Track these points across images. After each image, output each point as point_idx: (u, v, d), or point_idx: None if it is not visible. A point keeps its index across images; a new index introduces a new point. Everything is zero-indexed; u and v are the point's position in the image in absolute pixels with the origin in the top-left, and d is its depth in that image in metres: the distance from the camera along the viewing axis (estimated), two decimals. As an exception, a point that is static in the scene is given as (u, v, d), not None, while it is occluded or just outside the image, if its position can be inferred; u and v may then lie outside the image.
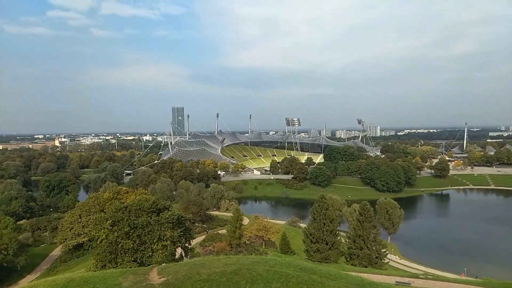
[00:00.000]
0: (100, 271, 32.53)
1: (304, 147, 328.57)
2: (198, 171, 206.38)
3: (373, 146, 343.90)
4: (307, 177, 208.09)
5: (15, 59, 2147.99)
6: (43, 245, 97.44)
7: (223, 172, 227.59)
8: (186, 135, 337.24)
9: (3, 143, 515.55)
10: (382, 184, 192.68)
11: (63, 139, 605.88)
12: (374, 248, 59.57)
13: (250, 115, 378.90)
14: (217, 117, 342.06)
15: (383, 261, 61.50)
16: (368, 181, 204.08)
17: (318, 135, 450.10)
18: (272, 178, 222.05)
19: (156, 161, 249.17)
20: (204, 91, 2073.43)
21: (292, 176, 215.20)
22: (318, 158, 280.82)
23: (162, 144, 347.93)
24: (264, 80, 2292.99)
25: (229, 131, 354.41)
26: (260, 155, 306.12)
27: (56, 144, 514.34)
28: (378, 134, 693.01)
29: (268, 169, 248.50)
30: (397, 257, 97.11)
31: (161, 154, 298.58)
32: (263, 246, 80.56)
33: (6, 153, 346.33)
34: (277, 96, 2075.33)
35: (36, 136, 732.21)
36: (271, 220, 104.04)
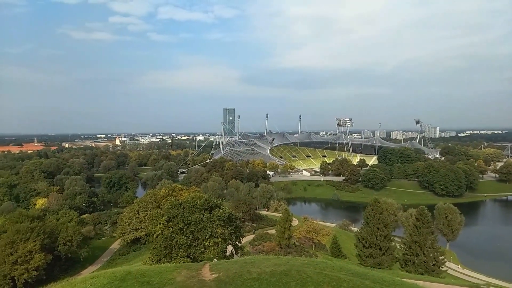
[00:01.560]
0: (156, 265, 34.05)
1: (356, 149, 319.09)
2: (247, 170, 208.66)
3: (431, 148, 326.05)
4: (360, 179, 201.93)
5: (80, 63, 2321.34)
6: (104, 238, 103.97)
7: (272, 172, 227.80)
8: (236, 135, 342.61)
9: (69, 142, 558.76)
10: (441, 188, 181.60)
11: (123, 139, 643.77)
12: (431, 255, 56.43)
13: (300, 115, 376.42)
14: (267, 117, 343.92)
15: (440, 268, 58.01)
16: (426, 184, 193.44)
17: (372, 136, 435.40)
18: (322, 179, 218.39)
19: (208, 160, 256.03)
20: (254, 92, 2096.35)
21: (344, 178, 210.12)
22: (372, 160, 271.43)
23: (214, 144, 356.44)
24: (315, 80, 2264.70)
25: (278, 131, 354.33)
26: (310, 156, 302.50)
27: (116, 143, 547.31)
28: (437, 135, 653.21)
29: (318, 170, 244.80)
30: (459, 266, 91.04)
31: (213, 153, 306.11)
32: (313, 249, 79.48)
33: (72, 151, 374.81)
34: (327, 96, 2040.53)
35: (98, 136, 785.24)
36: (321, 223, 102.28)
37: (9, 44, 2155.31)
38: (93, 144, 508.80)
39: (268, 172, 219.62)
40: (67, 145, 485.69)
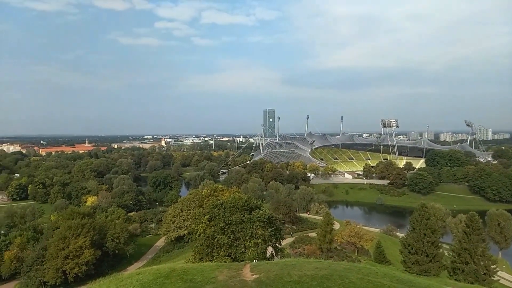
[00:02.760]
0: (198, 263, 34.80)
1: (402, 151, 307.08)
2: (287, 172, 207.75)
3: (483, 151, 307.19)
4: (406, 183, 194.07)
5: (128, 68, 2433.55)
6: (149, 235, 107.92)
7: (313, 175, 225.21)
8: (276, 136, 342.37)
9: (117, 143, 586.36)
10: (494, 194, 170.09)
11: (168, 140, 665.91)
12: (482, 263, 53.10)
13: (342, 116, 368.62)
14: (307, 119, 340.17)
15: (492, 278, 54.34)
16: (476, 189, 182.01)
17: (419, 138, 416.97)
18: (365, 182, 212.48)
19: (248, 162, 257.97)
20: (294, 93, 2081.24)
21: (388, 181, 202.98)
22: (419, 163, 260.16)
23: (254, 145, 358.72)
24: (358, 80, 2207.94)
25: (319, 133, 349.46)
26: (352, 158, 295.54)
27: (162, 144, 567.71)
28: (490, 137, 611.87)
29: (360, 173, 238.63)
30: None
31: (253, 155, 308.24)
32: (356, 254, 77.52)
33: (120, 151, 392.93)
34: (371, 96, 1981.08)
35: (145, 137, 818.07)
36: (364, 227, 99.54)
37: (63, 51, 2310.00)
38: (140, 145, 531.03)
39: (308, 174, 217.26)
40: (116, 146, 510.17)
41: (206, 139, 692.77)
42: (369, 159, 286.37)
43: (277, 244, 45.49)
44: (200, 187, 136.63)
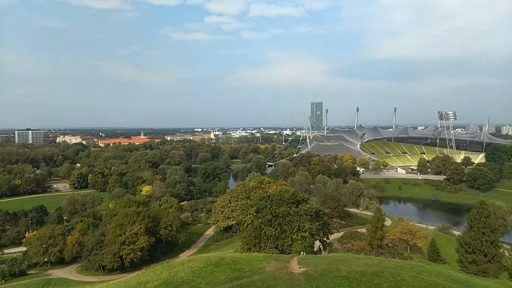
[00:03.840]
0: (246, 253, 35.45)
1: (460, 145, 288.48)
2: (335, 166, 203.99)
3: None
4: (463, 179, 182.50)
5: (179, 63, 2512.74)
6: (199, 224, 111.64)
7: (363, 169, 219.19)
8: (324, 129, 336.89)
9: (170, 135, 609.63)
10: None
11: (217, 132, 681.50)
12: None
13: (395, 108, 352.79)
14: (357, 111, 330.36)
15: None
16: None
17: (479, 131, 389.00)
18: (419, 178, 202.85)
19: (295, 155, 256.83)
20: (344, 85, 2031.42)
21: (445, 177, 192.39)
22: (478, 158, 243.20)
23: (300, 138, 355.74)
24: (412, 70, 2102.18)
25: (369, 126, 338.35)
26: (406, 152, 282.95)
27: (211, 137, 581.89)
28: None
29: (415, 168, 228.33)
30: None
31: (299, 148, 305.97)
32: (408, 251, 74.74)
33: (173, 143, 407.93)
34: (426, 87, 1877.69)
35: (195, 130, 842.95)
36: (417, 224, 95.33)
37: (120, 47, 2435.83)
38: (191, 138, 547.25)
39: (358, 169, 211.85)
40: (168, 138, 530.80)
41: (253, 132, 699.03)
42: (424, 153, 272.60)
43: (324, 239, 45.07)
44: (247, 179, 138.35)
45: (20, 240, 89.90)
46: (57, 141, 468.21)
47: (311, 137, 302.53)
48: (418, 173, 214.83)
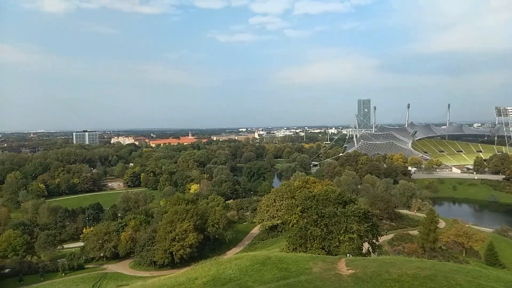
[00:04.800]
0: (292, 253, 35.34)
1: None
2: (385, 165, 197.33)
3: None
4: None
5: (225, 65, 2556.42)
6: (245, 223, 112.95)
7: (414, 168, 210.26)
8: (372, 127, 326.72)
9: (216, 135, 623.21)
10: None
11: (260, 132, 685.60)
12: None
13: (449, 105, 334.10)
14: (408, 108, 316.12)
15: None
16: None
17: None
18: (476, 178, 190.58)
19: (341, 154, 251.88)
20: (393, 81, 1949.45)
21: (504, 176, 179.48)
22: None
23: (347, 137, 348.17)
24: (466, 65, 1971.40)
25: (422, 123, 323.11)
26: (461, 151, 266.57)
27: (255, 136, 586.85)
28: None
29: (470, 167, 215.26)
30: None
31: (345, 147, 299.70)
32: (463, 255, 70.69)
33: (219, 143, 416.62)
34: (484, 82, 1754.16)
35: (240, 130, 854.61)
36: (473, 226, 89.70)
37: (169, 51, 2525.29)
38: (236, 137, 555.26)
39: (409, 168, 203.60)
40: (214, 138, 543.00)
41: (297, 131, 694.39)
42: (480, 151, 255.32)
43: (373, 241, 43.81)
44: (292, 179, 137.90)
45: (78, 235, 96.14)
46: (112, 142, 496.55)
47: (358, 136, 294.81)
48: (474, 173, 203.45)
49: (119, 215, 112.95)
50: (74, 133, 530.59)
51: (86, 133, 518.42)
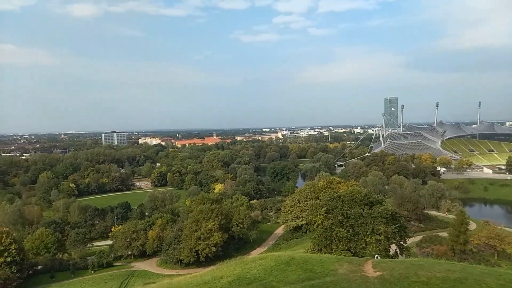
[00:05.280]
0: (317, 254, 35.11)
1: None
2: (413, 165, 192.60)
3: None
4: None
5: (248, 65, 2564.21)
6: (269, 223, 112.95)
7: (444, 169, 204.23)
8: (399, 127, 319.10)
9: (240, 135, 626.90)
10: None
11: (284, 132, 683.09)
12: None
13: (479, 103, 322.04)
14: (437, 106, 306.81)
15: None
16: None
17: None
18: (508, 178, 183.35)
19: (367, 154, 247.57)
20: (420, 78, 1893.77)
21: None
22: None
23: (373, 137, 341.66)
24: (498, 61, 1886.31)
25: (451, 122, 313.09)
26: (492, 150, 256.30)
27: (279, 136, 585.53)
28: None
29: (503, 167, 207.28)
30: None
31: (372, 146, 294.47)
32: (495, 257, 68.13)
33: (242, 143, 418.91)
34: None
35: (264, 130, 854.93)
36: (506, 228, 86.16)
37: (193, 52, 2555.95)
38: (260, 137, 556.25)
39: (439, 168, 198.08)
40: (238, 138, 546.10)
41: (321, 130, 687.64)
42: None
43: (401, 242, 42.95)
44: (316, 179, 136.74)
45: (107, 234, 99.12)
46: (139, 142, 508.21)
47: (385, 135, 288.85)
48: (507, 173, 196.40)
49: (147, 214, 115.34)
50: (103, 134, 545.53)
51: (115, 134, 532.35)
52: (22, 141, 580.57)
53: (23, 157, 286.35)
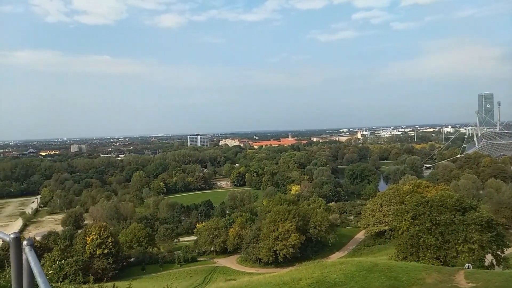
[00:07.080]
0: (402, 262, 33.36)
1: None
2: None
3: None
4: None
5: (325, 64, 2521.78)
6: (349, 227, 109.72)
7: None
8: (496, 125, 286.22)
9: (316, 136, 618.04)
10: None
11: (364, 132, 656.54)
12: None
13: None
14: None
15: None
16: None
17: None
18: None
19: (458, 155, 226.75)
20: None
21: None
22: None
23: (465, 137, 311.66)
24: None
25: None
26: None
27: (358, 137, 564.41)
28: None
29: None
30: None
31: (464, 147, 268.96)
32: None
33: (319, 144, 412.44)
34: None
35: (341, 130, 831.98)
36: None
37: (271, 55, 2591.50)
38: (337, 138, 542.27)
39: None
40: (314, 139, 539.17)
41: (406, 130, 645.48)
42: None
43: (498, 252, 38.76)
44: (401, 182, 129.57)
45: (192, 230, 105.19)
46: (220, 144, 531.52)
47: (479, 135, 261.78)
48: None
49: (227, 212, 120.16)
50: (188, 137, 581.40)
51: (198, 136, 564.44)
52: (118, 143, 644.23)
53: (119, 158, 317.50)
